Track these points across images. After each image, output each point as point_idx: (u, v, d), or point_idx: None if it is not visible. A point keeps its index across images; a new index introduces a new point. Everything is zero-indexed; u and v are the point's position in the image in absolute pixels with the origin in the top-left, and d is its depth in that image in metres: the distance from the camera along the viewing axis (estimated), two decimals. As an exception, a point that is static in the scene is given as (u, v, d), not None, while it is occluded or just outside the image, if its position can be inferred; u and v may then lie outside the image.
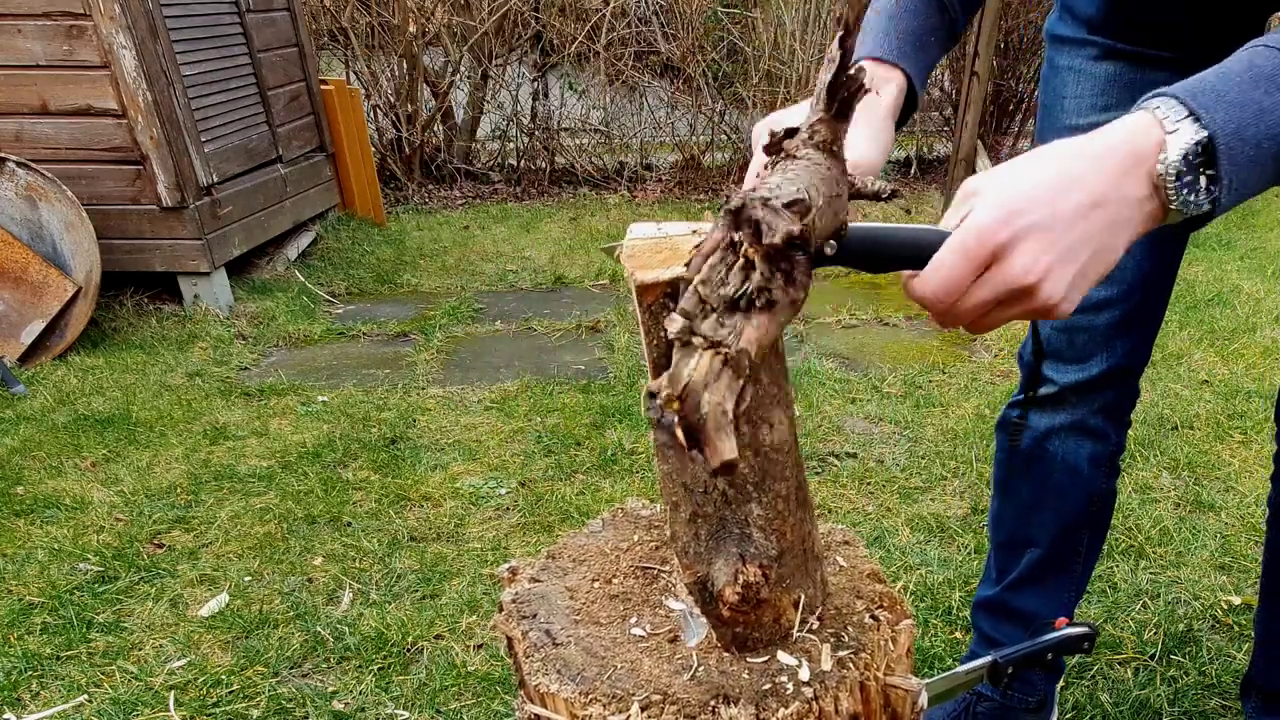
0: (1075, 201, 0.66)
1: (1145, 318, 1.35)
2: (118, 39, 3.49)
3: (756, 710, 0.70)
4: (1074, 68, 1.25)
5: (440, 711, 1.79)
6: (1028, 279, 0.66)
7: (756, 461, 0.71)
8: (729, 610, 0.72)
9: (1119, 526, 2.30)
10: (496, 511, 2.48)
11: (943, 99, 6.62)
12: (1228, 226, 4.94)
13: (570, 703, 0.73)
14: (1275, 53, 0.69)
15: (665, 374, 0.48)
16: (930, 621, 1.97)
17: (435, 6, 5.99)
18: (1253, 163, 0.67)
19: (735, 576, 0.72)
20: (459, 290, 4.43)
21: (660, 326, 0.67)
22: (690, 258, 0.66)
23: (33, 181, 3.49)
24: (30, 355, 3.52)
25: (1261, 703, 1.60)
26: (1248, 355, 3.29)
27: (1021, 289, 0.67)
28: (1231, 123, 0.66)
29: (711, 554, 0.73)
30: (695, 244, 0.70)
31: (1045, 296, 0.67)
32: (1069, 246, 0.67)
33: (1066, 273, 0.67)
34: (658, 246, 0.71)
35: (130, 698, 1.82)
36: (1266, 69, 0.68)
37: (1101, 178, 0.67)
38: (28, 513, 2.49)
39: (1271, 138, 0.67)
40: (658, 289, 0.66)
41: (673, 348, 0.66)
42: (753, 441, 0.71)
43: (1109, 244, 0.68)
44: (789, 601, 0.77)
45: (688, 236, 0.73)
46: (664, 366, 0.67)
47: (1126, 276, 1.29)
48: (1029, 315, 0.71)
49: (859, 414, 2.99)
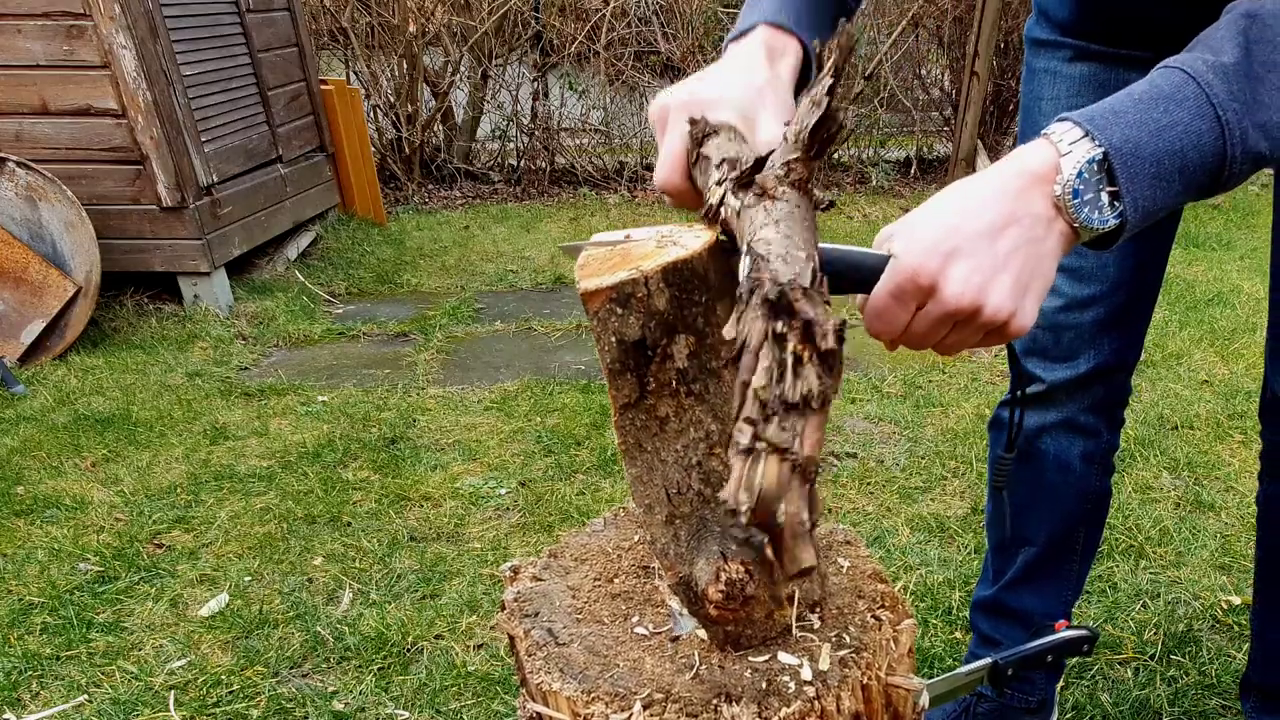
0: (987, 222, 0.69)
1: (1132, 315, 1.35)
2: (118, 39, 3.49)
3: (759, 709, 0.70)
4: (1050, 69, 1.26)
5: (440, 711, 1.79)
6: (963, 302, 0.69)
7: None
8: (715, 609, 0.71)
9: (1119, 526, 2.30)
10: (496, 511, 2.48)
11: (943, 99, 6.62)
12: (1227, 226, 4.94)
13: (572, 701, 0.73)
14: (1176, 72, 0.71)
15: (737, 485, 0.47)
16: (930, 621, 1.97)
17: (435, 6, 5.99)
18: (1154, 179, 0.69)
19: (717, 575, 0.71)
20: (459, 290, 4.43)
21: (609, 331, 0.67)
22: (638, 262, 0.66)
23: (33, 181, 3.49)
24: (30, 355, 3.52)
25: (1260, 701, 1.60)
26: (1248, 355, 3.29)
27: (962, 312, 0.69)
28: (1129, 141, 0.68)
29: (693, 554, 0.73)
30: (650, 248, 0.69)
31: (991, 313, 0.69)
32: (994, 264, 0.69)
33: (1002, 287, 0.69)
34: (610, 254, 0.70)
35: (130, 698, 1.82)
36: (1166, 89, 0.71)
37: (1006, 199, 0.70)
38: (28, 513, 2.49)
39: (1172, 154, 0.69)
40: (601, 295, 0.65)
41: (627, 353, 0.66)
42: (723, 438, 0.71)
43: (1034, 258, 0.70)
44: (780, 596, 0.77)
45: (647, 241, 0.72)
46: (618, 371, 0.67)
47: (1110, 274, 1.30)
48: (992, 337, 0.73)
49: (859, 414, 2.99)
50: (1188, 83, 0.70)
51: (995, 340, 0.73)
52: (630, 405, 0.69)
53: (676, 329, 0.67)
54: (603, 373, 0.69)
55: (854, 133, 6.49)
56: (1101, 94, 1.23)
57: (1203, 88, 0.70)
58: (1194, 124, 0.69)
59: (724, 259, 0.71)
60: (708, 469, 0.71)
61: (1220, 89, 0.70)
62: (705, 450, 0.70)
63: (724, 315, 0.69)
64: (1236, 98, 0.69)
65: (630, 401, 0.69)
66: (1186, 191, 0.71)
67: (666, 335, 0.67)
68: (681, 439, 0.70)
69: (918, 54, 6.51)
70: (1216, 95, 0.69)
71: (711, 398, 0.70)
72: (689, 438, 0.70)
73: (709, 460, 0.71)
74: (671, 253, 0.67)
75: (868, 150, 6.66)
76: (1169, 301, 3.82)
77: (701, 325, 0.68)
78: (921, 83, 6.64)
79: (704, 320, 0.68)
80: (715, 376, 0.69)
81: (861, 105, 6.28)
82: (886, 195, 6.00)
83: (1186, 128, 0.69)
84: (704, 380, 0.69)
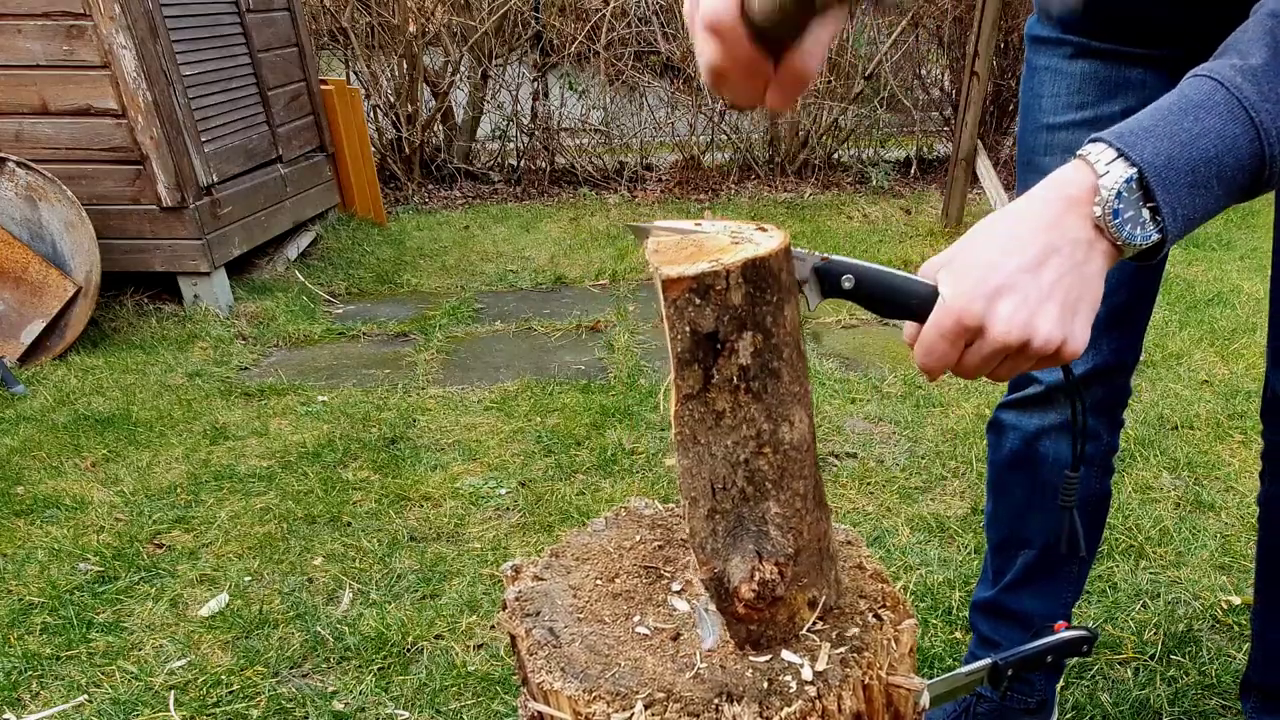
0: (1030, 257, 0.70)
1: (1131, 316, 1.35)
2: (118, 39, 3.49)
3: (760, 708, 0.70)
4: (1050, 67, 1.26)
5: (440, 711, 1.79)
6: (1011, 339, 0.70)
7: (776, 459, 0.72)
8: (744, 607, 0.72)
9: (1119, 526, 2.30)
10: (496, 511, 2.48)
11: (943, 99, 6.62)
12: (1227, 226, 4.94)
13: (574, 700, 0.73)
14: (1205, 80, 0.72)
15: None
16: (930, 621, 1.97)
17: (435, 6, 5.99)
18: (1192, 188, 0.70)
19: (751, 574, 0.72)
20: (459, 290, 4.43)
21: (684, 320, 0.67)
22: (716, 254, 0.67)
23: (33, 181, 3.49)
24: (30, 355, 3.52)
25: (1260, 701, 1.60)
26: (1248, 355, 3.29)
27: (1011, 348, 0.71)
28: (1160, 155, 0.69)
29: (728, 550, 0.74)
30: (723, 243, 0.70)
31: (1041, 345, 0.71)
32: (1040, 296, 0.70)
33: (1049, 317, 0.71)
34: (682, 244, 0.71)
35: (130, 698, 1.82)
36: (1195, 98, 0.72)
37: (1045, 230, 0.71)
38: (28, 513, 2.49)
39: (1207, 161, 0.70)
40: (683, 284, 0.66)
41: (698, 344, 0.66)
42: (772, 439, 0.71)
43: (1079, 282, 0.72)
44: (804, 600, 0.77)
45: (719, 235, 0.73)
46: (687, 362, 0.68)
47: (1110, 274, 1.29)
48: (1042, 365, 0.75)
49: (859, 414, 2.99)
50: (1217, 89, 0.71)
51: (1050, 365, 0.75)
52: (692, 396, 0.70)
53: (746, 325, 0.68)
54: (671, 361, 0.70)
55: (854, 133, 6.50)
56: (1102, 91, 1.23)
57: (1232, 92, 0.70)
58: (1227, 129, 0.70)
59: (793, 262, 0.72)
60: (754, 467, 0.72)
61: (1250, 91, 0.70)
62: (755, 448, 0.71)
63: (790, 317, 0.70)
64: (1268, 98, 0.70)
65: (694, 392, 0.70)
66: (1229, 196, 0.72)
67: (737, 330, 0.67)
68: (733, 435, 0.71)
69: (918, 54, 6.51)
70: (1247, 98, 0.70)
71: (768, 398, 0.70)
72: (740, 434, 0.71)
73: (757, 459, 0.71)
74: (749, 249, 0.68)
75: (868, 150, 6.66)
76: (1169, 301, 3.82)
77: (769, 324, 0.69)
78: (921, 83, 6.64)
79: (772, 319, 0.69)
80: (775, 376, 0.70)
81: (861, 105, 6.28)
82: (886, 195, 6.00)
83: (1220, 134, 0.70)
84: (763, 379, 0.70)
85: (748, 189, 6.22)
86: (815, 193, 6.09)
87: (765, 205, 5.86)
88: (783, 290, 0.69)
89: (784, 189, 6.18)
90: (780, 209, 5.77)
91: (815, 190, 6.14)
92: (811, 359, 3.40)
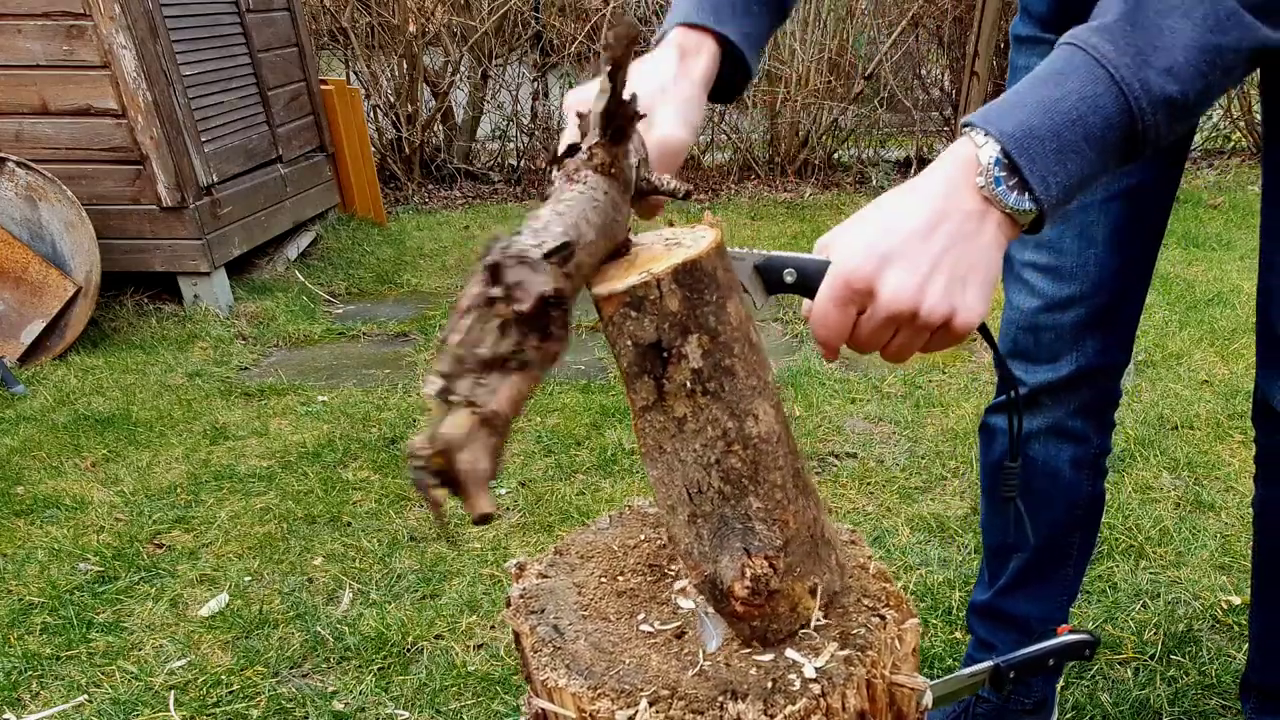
0: (919, 222, 0.71)
1: (1116, 316, 1.33)
2: (118, 39, 3.49)
3: (764, 706, 0.70)
4: (1029, 66, 1.25)
5: (440, 711, 1.79)
6: (900, 304, 0.70)
7: (747, 454, 0.72)
8: (741, 605, 0.72)
9: (1119, 526, 2.30)
10: (496, 511, 2.48)
11: (943, 99, 6.63)
12: (1227, 226, 4.95)
13: (578, 697, 0.73)
14: (1064, 46, 0.73)
15: (425, 432, 0.51)
16: (930, 621, 1.97)
17: (435, 6, 5.99)
18: (1058, 153, 0.70)
19: (742, 571, 0.72)
20: (459, 290, 4.42)
21: (625, 335, 0.67)
22: (648, 265, 0.67)
23: (33, 181, 3.49)
24: (30, 355, 3.52)
25: (1260, 702, 1.60)
26: (1248, 355, 3.29)
27: (902, 314, 0.71)
28: (1021, 126, 0.70)
29: (716, 552, 0.73)
30: (657, 251, 0.71)
31: (927, 313, 0.71)
32: (929, 263, 0.70)
33: (936, 286, 0.70)
34: (619, 262, 0.71)
35: (130, 698, 1.82)
36: (1057, 64, 0.72)
37: (932, 200, 0.72)
38: (28, 513, 2.49)
39: (1070, 124, 0.70)
40: (615, 301, 0.66)
41: (644, 355, 0.67)
42: (740, 435, 0.71)
43: (970, 253, 0.72)
44: (804, 589, 0.77)
45: (654, 245, 0.73)
46: (636, 374, 0.68)
47: (1091, 273, 1.28)
48: (940, 338, 0.74)
49: (859, 414, 2.99)
50: (1075, 52, 0.72)
51: (946, 341, 0.74)
52: (649, 408, 0.70)
53: (690, 329, 0.68)
54: (621, 377, 0.70)
55: (854, 133, 6.51)
56: None
57: (1089, 52, 0.71)
58: (1086, 89, 0.70)
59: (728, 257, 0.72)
60: (727, 466, 0.71)
61: (1106, 47, 0.70)
62: (724, 448, 0.71)
63: (734, 312, 0.70)
64: (1125, 51, 0.70)
65: (649, 404, 0.70)
66: (1106, 155, 0.72)
67: (681, 336, 0.67)
68: (700, 438, 0.70)
69: (918, 54, 6.52)
70: (1104, 55, 0.70)
71: (727, 395, 0.70)
72: (707, 436, 0.70)
73: (727, 458, 0.71)
74: (679, 254, 0.68)
75: (868, 150, 6.67)
76: (1169, 301, 3.82)
77: (713, 323, 0.68)
78: (921, 83, 6.65)
79: (715, 318, 0.68)
80: (729, 374, 0.70)
81: (861, 105, 6.29)
82: (886, 196, 6.00)
83: (1080, 95, 0.70)
84: (718, 378, 0.69)
85: (748, 189, 6.22)
86: (815, 193, 6.09)
87: (765, 205, 5.86)
88: (721, 288, 0.69)
89: (784, 189, 6.19)
90: (780, 209, 5.77)
91: (815, 190, 6.14)
92: (811, 359, 3.41)
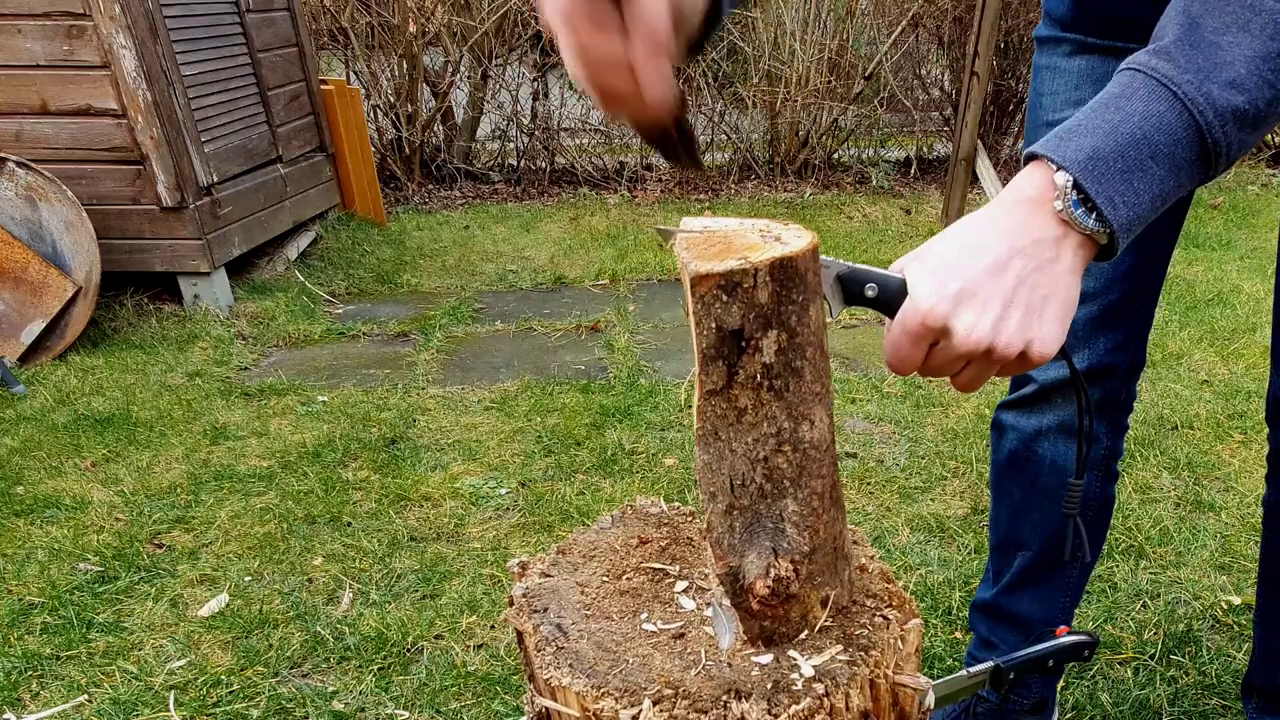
0: (992, 259, 0.71)
1: (1129, 314, 1.33)
2: (118, 39, 3.49)
3: (768, 705, 0.70)
4: (1050, 65, 1.28)
5: (440, 711, 1.79)
6: (974, 344, 0.71)
7: (795, 457, 0.72)
8: (759, 604, 0.72)
9: (1119, 526, 2.30)
10: (496, 511, 2.48)
11: (943, 99, 6.63)
12: (1228, 226, 4.95)
13: (582, 696, 0.73)
14: (1124, 72, 0.74)
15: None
16: (930, 621, 1.97)
17: (435, 6, 5.99)
18: (1125, 174, 0.70)
19: (767, 570, 0.72)
20: (459, 290, 4.42)
21: (711, 316, 0.67)
22: (745, 252, 0.67)
23: (33, 181, 3.49)
24: (30, 355, 3.51)
25: (1261, 702, 1.60)
26: (1248, 355, 3.29)
27: (974, 353, 0.72)
28: (1083, 150, 0.70)
29: (745, 546, 0.74)
30: (752, 240, 0.70)
31: (1002, 351, 0.72)
32: (1003, 300, 0.71)
33: (1010, 324, 0.71)
34: (711, 241, 0.71)
35: (130, 698, 1.82)
36: (1117, 89, 0.73)
37: (1007, 231, 0.72)
38: (28, 513, 2.49)
39: (1135, 144, 0.71)
40: (711, 280, 0.66)
41: (724, 341, 0.67)
42: (793, 437, 0.71)
43: (1047, 282, 0.72)
44: (817, 599, 0.77)
45: (748, 233, 0.73)
46: (712, 358, 0.68)
47: (1104, 270, 1.28)
48: (1010, 369, 0.75)
49: (859, 414, 2.99)
50: (1135, 76, 0.72)
51: (1022, 369, 0.75)
52: (715, 392, 0.70)
53: (771, 323, 0.68)
54: (695, 356, 0.70)
55: (854, 133, 6.51)
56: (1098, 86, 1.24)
57: (1149, 74, 0.71)
58: (1150, 109, 0.70)
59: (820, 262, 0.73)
60: (773, 465, 0.72)
61: (1166, 67, 0.71)
62: (774, 446, 0.71)
63: (815, 316, 0.71)
64: (1186, 70, 0.70)
65: (716, 389, 0.70)
66: (1176, 172, 0.72)
67: (762, 328, 0.68)
68: (754, 432, 0.71)
69: (918, 54, 6.52)
70: (1165, 75, 0.71)
71: (790, 396, 0.70)
72: (761, 432, 0.71)
73: (776, 457, 0.72)
74: (777, 248, 0.68)
75: (868, 150, 6.67)
76: (1169, 301, 3.82)
77: (794, 323, 0.69)
78: (921, 83, 6.65)
79: (797, 318, 0.69)
80: (797, 375, 0.70)
81: (861, 105, 6.29)
82: (886, 195, 6.00)
83: (1144, 115, 0.70)
84: (786, 378, 0.70)
85: (748, 189, 6.22)
86: (815, 193, 6.09)
87: (765, 205, 5.86)
88: (808, 290, 0.69)
89: (784, 189, 6.19)
90: (780, 209, 5.77)
91: (815, 190, 6.14)
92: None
